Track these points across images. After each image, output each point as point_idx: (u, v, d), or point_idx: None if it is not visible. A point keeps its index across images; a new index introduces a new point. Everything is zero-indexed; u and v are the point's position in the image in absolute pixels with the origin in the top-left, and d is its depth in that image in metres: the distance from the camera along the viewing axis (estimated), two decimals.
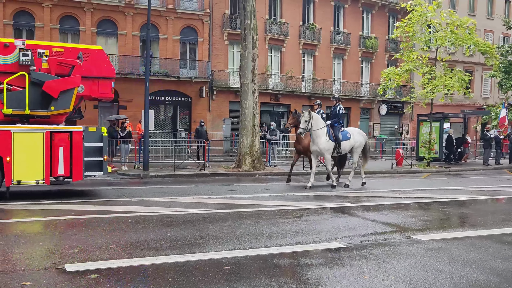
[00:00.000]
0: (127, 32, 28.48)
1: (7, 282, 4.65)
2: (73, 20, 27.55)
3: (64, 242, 6.32)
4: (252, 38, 17.59)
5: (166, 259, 5.61)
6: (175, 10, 29.40)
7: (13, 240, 6.42)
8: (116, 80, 27.68)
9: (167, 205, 9.70)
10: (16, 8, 26.12)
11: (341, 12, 36.01)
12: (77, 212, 8.61)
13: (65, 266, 5.23)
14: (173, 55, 29.59)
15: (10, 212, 8.67)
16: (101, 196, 10.97)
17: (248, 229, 7.39)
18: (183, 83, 29.74)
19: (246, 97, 17.57)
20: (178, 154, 18.42)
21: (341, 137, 13.29)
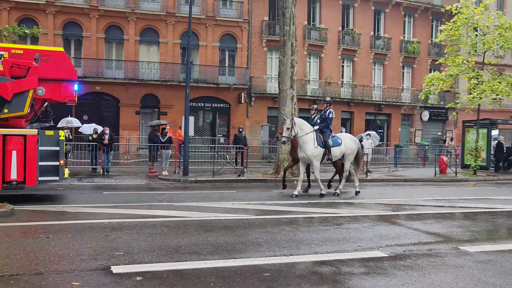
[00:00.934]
0: (168, 40, 29.13)
1: (58, 282, 4.83)
2: (117, 30, 28.47)
3: (109, 244, 6.49)
4: (291, 44, 17.61)
5: (207, 264, 5.67)
6: (215, 17, 29.85)
7: (64, 241, 6.65)
8: (157, 87, 28.87)
9: (207, 210, 9.81)
10: (65, 19, 27.28)
11: (382, 16, 35.51)
12: (121, 215, 8.84)
13: (112, 267, 5.38)
14: (212, 62, 30.01)
15: (60, 214, 8.98)
16: (143, 200, 11.20)
17: (288, 236, 7.37)
18: (222, 90, 30.09)
19: (284, 103, 17.57)
20: (217, 159, 18.58)
21: (332, 143, 12.60)
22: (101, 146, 17.47)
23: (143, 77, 28.46)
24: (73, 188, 13.55)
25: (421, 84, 29.33)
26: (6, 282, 4.81)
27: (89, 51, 27.72)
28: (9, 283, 4.77)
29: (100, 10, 27.63)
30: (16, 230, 7.31)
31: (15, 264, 5.43)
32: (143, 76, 28.48)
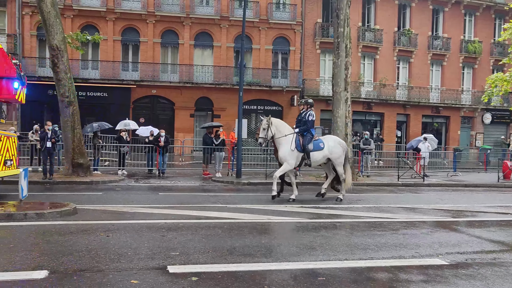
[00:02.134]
0: (221, 43, 29.54)
1: (118, 279, 4.99)
2: (173, 34, 29.22)
3: (166, 244, 6.64)
4: (345, 46, 17.35)
5: (261, 266, 5.67)
6: (268, 20, 29.96)
7: (123, 240, 6.87)
8: (211, 90, 29.30)
9: (260, 212, 9.82)
10: (124, 25, 28.34)
11: (441, 16, 34.28)
12: (177, 216, 9.04)
13: (168, 267, 5.49)
14: (265, 65, 30.14)
15: (119, 214, 9.31)
16: (197, 201, 11.39)
17: (342, 240, 7.24)
18: (274, 92, 30.14)
19: (338, 106, 17.34)
20: (269, 162, 18.60)
21: (312, 147, 11.86)
22: (157, 148, 17.96)
23: (198, 80, 29.03)
24: (131, 188, 14.00)
25: (482, 85, 28.06)
26: (70, 277, 5.03)
27: (146, 56, 28.64)
28: (73, 278, 4.98)
29: (157, 16, 28.48)
30: (79, 228, 7.63)
31: (78, 260, 5.67)
32: (198, 80, 29.05)
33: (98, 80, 27.56)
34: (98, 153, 18.13)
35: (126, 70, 28.61)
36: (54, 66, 15.62)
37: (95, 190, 13.26)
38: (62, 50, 15.53)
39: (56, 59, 15.46)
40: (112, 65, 28.03)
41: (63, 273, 5.15)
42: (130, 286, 4.81)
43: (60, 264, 5.49)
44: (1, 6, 26.86)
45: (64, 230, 7.38)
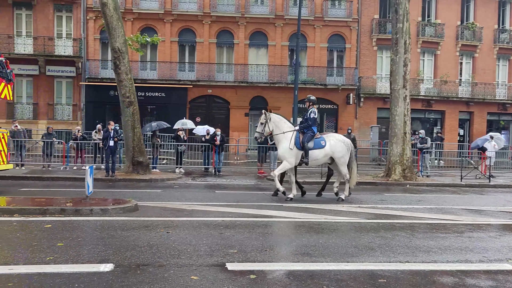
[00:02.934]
0: (276, 42, 29.56)
1: (178, 275, 5.10)
2: (228, 34, 29.57)
3: (224, 242, 6.71)
4: (404, 42, 16.82)
5: (319, 266, 5.60)
6: (323, 18, 29.65)
7: (182, 236, 7.02)
8: (265, 89, 29.37)
9: (317, 211, 9.73)
10: (181, 27, 29.03)
11: (507, 8, 32.51)
12: (234, 214, 9.12)
13: (227, 264, 5.54)
14: (320, 63, 29.85)
15: (177, 211, 9.53)
16: (253, 200, 11.44)
17: (402, 242, 7.02)
18: (329, 91, 29.77)
19: (396, 104, 16.84)
20: None
21: (312, 145, 11.42)
22: (213, 147, 18.24)
23: (252, 79, 29.22)
24: (188, 186, 14.29)
25: None
26: (134, 271, 5.19)
27: (202, 56, 29.17)
28: (137, 272, 5.14)
29: (212, 16, 28.94)
30: (140, 224, 7.88)
31: (141, 255, 5.85)
32: (252, 79, 29.24)
33: (156, 80, 28.40)
34: (157, 151, 18.66)
35: (183, 71, 29.27)
36: (116, 68, 16.23)
37: (154, 188, 13.65)
38: (124, 52, 16.11)
39: (118, 61, 16.06)
40: (170, 66, 28.78)
41: (127, 267, 5.33)
42: (190, 282, 4.90)
43: (124, 258, 5.68)
44: (68, 12, 28.28)
45: (126, 226, 7.65)
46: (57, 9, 28.20)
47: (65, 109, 28.53)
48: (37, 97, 28.09)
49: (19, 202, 9.10)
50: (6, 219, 7.84)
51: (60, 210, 8.41)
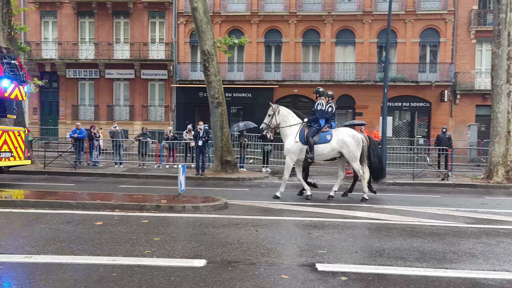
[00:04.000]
0: (364, 39, 28.82)
1: (269, 273, 5.11)
2: (314, 33, 29.36)
3: (313, 242, 6.63)
4: (507, 33, 15.55)
5: (414, 271, 5.32)
6: (415, 12, 28.37)
7: (271, 235, 7.06)
8: (353, 88, 28.74)
9: (409, 214, 9.29)
10: (267, 27, 29.33)
11: None
12: (322, 214, 8.99)
13: (316, 265, 5.46)
14: (411, 59, 28.59)
15: (265, 210, 9.60)
16: (342, 201, 11.20)
17: (509, 249, 6.46)
18: (421, 88, 28.42)
19: (499, 100, 15.62)
20: (416, 162, 17.55)
21: (317, 139, 10.81)
22: None
23: (339, 78, 28.74)
24: (275, 186, 14.31)
25: None
26: (225, 267, 5.29)
27: (287, 56, 29.24)
28: (228, 269, 5.24)
29: (298, 16, 28.89)
30: (230, 222, 8.04)
31: (232, 252, 5.95)
32: (339, 78, 28.76)
33: (243, 81, 28.94)
34: (244, 151, 18.99)
35: (269, 71, 29.55)
36: (205, 70, 16.77)
37: (242, 187, 13.90)
38: (213, 54, 16.59)
39: (207, 63, 16.58)
40: (256, 67, 29.19)
41: (219, 263, 5.45)
42: (281, 280, 4.88)
43: (216, 254, 5.82)
44: (161, 18, 29.79)
45: (217, 223, 7.84)
46: (151, 16, 29.82)
47: (158, 110, 30.07)
48: (133, 99, 29.91)
49: (119, 198, 9.70)
50: (108, 214, 8.40)
51: (156, 207, 8.84)
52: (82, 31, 30.15)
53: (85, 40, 30.05)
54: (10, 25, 16.61)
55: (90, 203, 8.92)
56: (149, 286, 4.60)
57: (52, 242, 6.21)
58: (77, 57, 29.41)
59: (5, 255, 5.51)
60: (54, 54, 29.58)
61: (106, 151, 20.26)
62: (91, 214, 8.29)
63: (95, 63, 29.27)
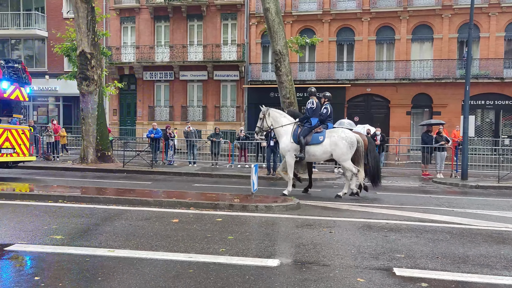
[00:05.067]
0: (443, 35, 27.51)
1: (344, 276, 4.99)
2: (388, 30, 28.48)
3: (389, 245, 6.39)
4: None
5: (503, 280, 4.98)
6: (500, 4, 26.64)
7: (345, 237, 6.89)
8: (430, 86, 27.58)
9: (495, 219, 8.69)
10: (339, 26, 28.89)
11: None
12: (398, 217, 8.66)
13: (394, 269, 5.25)
14: (495, 55, 26.86)
15: (337, 211, 9.42)
16: (418, 203, 10.73)
17: None
18: (507, 85, 26.63)
19: None
20: (502, 163, 16.42)
21: (310, 139, 10.82)
22: None
23: (415, 76, 27.63)
24: None
25: None
26: (299, 268, 5.24)
27: (360, 54, 28.57)
28: (302, 270, 5.18)
29: (372, 13, 28.13)
30: (303, 222, 7.96)
31: (305, 253, 5.88)
32: (415, 75, 27.64)
33: (314, 81, 28.69)
34: None
35: (341, 70, 29.05)
36: (277, 70, 16.80)
37: (314, 187, 13.72)
38: (284, 55, 16.58)
39: (279, 63, 16.59)
40: (328, 66, 28.82)
41: (292, 264, 5.40)
42: (357, 284, 4.75)
43: (289, 255, 5.78)
44: (233, 19, 30.30)
45: (290, 223, 7.80)
46: (224, 18, 30.41)
47: (229, 110, 30.61)
48: (206, 100, 30.68)
49: (193, 197, 9.96)
50: (184, 211, 8.64)
51: (229, 206, 8.97)
52: (158, 35, 31.40)
53: (161, 43, 31.28)
54: (94, 31, 17.65)
55: (166, 201, 9.23)
56: (224, 284, 4.66)
57: (132, 238, 6.48)
58: (153, 60, 30.68)
59: (90, 249, 5.83)
60: (132, 57, 31.07)
61: (180, 151, 20.92)
62: (167, 212, 8.57)
63: (170, 65, 30.37)
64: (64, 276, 4.80)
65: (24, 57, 33.08)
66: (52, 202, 9.24)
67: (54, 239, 6.28)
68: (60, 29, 25.24)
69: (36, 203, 9.17)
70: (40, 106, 33.52)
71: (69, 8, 30.32)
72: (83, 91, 17.52)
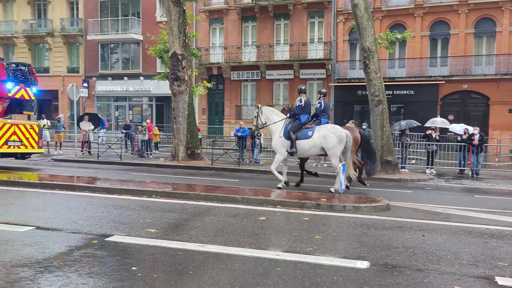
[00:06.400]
0: None
1: (439, 282, 4.71)
2: (488, 22, 26.52)
3: (490, 252, 5.93)
4: None
5: None
6: None
7: (439, 241, 6.51)
8: None
9: None
10: (432, 20, 27.46)
11: None
12: (499, 222, 8.02)
13: (496, 278, 4.86)
14: None
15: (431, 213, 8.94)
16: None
17: None
18: None
19: None
20: None
21: (299, 134, 11.31)
22: (469, 147, 16.58)
23: None
24: (441, 188, 13.33)
25: None
26: (390, 272, 5.03)
27: (456, 49, 26.89)
28: (393, 273, 4.96)
29: (470, 4, 26.34)
30: (393, 224, 7.65)
31: (396, 256, 5.63)
32: None
33: (405, 78, 27.51)
34: (406, 151, 18.00)
35: (434, 66, 27.55)
36: (365, 67, 16.33)
37: (404, 188, 13.20)
38: (373, 51, 16.07)
39: (368, 60, 16.11)
40: (419, 62, 27.49)
41: (383, 267, 5.20)
42: None
43: (379, 257, 5.57)
44: (320, 17, 29.98)
45: (379, 225, 7.53)
46: (310, 16, 30.18)
47: None
48: (292, 99, 30.62)
49: (280, 195, 9.99)
50: (271, 209, 8.69)
51: (316, 205, 8.87)
52: (245, 35, 31.96)
53: (248, 43, 31.81)
54: (185, 33, 18.38)
55: (253, 199, 9.34)
56: (312, 283, 4.59)
57: (221, 234, 6.63)
58: (240, 60, 31.29)
59: (181, 243, 6.05)
60: (221, 58, 31.93)
61: (266, 149, 21.11)
62: (254, 209, 8.67)
63: (256, 65, 30.78)
64: (158, 268, 5.02)
65: (122, 60, 35.37)
66: (146, 197, 9.76)
67: (149, 232, 6.61)
68: (153, 32, 26.61)
69: (132, 197, 9.73)
70: (135, 105, 35.61)
71: (162, 11, 31.93)
72: (174, 91, 18.31)
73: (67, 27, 36.23)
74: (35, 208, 8.28)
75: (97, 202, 9.07)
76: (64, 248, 5.67)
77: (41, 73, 36.92)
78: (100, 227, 6.83)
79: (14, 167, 15.78)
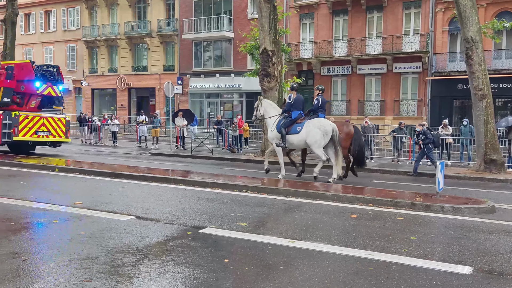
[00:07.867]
0: None
1: None
2: None
3: None
4: None
5: None
6: None
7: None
8: None
9: None
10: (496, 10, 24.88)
11: None
12: None
13: None
14: None
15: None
16: None
17: None
18: None
19: None
20: None
21: (290, 129, 12.14)
22: None
23: None
24: None
25: None
26: (496, 279, 4.60)
27: None
28: (500, 281, 4.54)
29: None
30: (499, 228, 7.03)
31: (503, 263, 5.16)
32: None
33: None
34: None
35: None
36: (467, 59, 15.21)
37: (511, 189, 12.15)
38: (477, 42, 14.92)
39: (471, 51, 15.00)
40: None
41: (488, 273, 4.78)
42: None
43: (483, 263, 5.13)
44: (416, 8, 28.51)
45: (482, 228, 6.96)
46: (406, 7, 28.81)
47: (410, 104, 28.96)
48: (385, 94, 29.56)
49: (372, 193, 9.64)
50: (362, 208, 8.40)
51: (411, 204, 8.42)
52: (336, 29, 31.33)
53: (339, 38, 31.15)
54: (276, 29, 18.44)
55: (344, 196, 9.11)
56: (407, 286, 4.34)
57: (311, 230, 6.52)
58: (331, 54, 30.74)
59: (271, 237, 6.03)
60: (310, 53, 31.61)
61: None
62: (345, 207, 8.45)
63: (347, 59, 30.07)
64: (249, 261, 5.05)
65: (214, 57, 36.44)
66: (237, 191, 9.91)
67: (240, 225, 6.69)
68: (244, 30, 27.05)
69: (223, 191, 9.94)
70: (226, 102, 36.55)
71: (253, 9, 32.36)
72: (264, 87, 18.46)
73: (164, 27, 38.08)
74: (135, 199, 8.77)
75: (191, 194, 9.39)
76: (162, 237, 5.92)
77: (140, 72, 39.35)
78: (194, 219, 7.05)
79: (115, 160, 16.92)
